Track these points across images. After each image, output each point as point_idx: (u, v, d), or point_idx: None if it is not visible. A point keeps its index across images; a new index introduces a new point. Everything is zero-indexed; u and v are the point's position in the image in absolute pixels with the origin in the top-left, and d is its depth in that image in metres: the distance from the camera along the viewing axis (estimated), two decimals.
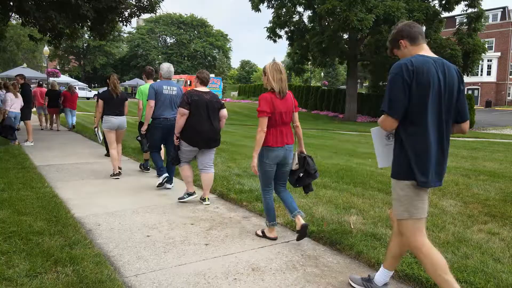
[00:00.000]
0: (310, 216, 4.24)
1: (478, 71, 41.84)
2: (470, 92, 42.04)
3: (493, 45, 43.10)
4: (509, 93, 43.87)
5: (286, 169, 3.74)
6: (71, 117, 13.10)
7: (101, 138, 7.00)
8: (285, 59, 66.29)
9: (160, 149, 5.83)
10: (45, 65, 42.97)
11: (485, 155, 9.68)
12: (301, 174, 3.73)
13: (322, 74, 62.22)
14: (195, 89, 4.72)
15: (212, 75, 46.86)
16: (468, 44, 21.24)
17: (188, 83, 38.78)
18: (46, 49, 28.49)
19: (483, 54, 22.24)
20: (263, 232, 3.84)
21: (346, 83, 25.82)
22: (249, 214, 4.55)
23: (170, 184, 5.66)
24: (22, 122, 9.93)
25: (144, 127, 5.60)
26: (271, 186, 3.74)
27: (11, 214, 4.02)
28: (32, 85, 18.73)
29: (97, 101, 6.40)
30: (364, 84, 48.33)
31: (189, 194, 4.94)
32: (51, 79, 28.07)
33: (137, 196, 5.20)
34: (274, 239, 3.75)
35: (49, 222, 3.84)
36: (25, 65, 35.41)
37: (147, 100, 5.53)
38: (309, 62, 27.42)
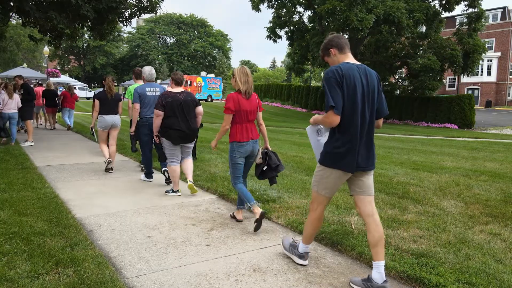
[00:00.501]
0: None
1: (478, 71, 41.89)
2: (470, 92, 42.08)
3: (493, 45, 43.11)
4: (509, 93, 43.88)
5: (251, 161, 4.24)
6: (69, 117, 13.32)
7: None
8: (285, 59, 66.27)
9: (152, 148, 6.13)
10: (45, 65, 42.97)
11: (486, 156, 9.67)
12: (265, 168, 4.12)
13: (322, 74, 62.26)
14: (170, 90, 5.08)
15: (212, 75, 46.92)
16: (468, 44, 21.23)
17: (188, 83, 38.81)
18: (46, 49, 28.48)
19: (483, 54, 22.24)
20: (232, 214, 4.40)
21: None
22: (250, 214, 4.54)
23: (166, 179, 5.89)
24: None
25: (132, 129, 6.09)
26: (241, 176, 4.21)
27: (12, 214, 4.02)
28: (31, 85, 18.80)
29: (94, 101, 6.71)
30: None
31: (174, 191, 5.34)
32: (51, 79, 28.05)
33: (138, 197, 5.20)
34: (240, 221, 4.26)
35: (50, 223, 3.83)
36: (25, 65, 35.39)
37: (132, 103, 5.96)
38: (309, 62, 27.40)
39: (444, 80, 32.44)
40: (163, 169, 5.85)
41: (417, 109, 23.34)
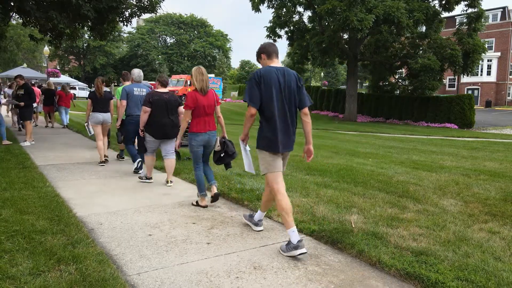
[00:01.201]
0: (311, 215, 4.25)
1: (478, 71, 41.91)
2: (470, 92, 42.09)
3: (493, 45, 43.13)
4: (509, 93, 43.90)
5: (209, 150, 4.83)
6: (65, 115, 13.84)
7: (91, 132, 7.63)
8: (285, 59, 66.26)
9: (134, 141, 6.79)
10: (45, 65, 42.98)
11: (485, 155, 9.69)
12: (222, 155, 4.64)
13: (322, 74, 62.24)
14: (156, 90, 5.68)
15: (212, 75, 46.84)
16: (468, 44, 21.25)
17: (188, 83, 38.79)
18: (46, 49, 28.49)
19: (483, 54, 22.25)
20: (196, 202, 4.78)
21: (346, 83, 25.84)
22: (250, 213, 4.55)
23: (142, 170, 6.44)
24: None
25: (118, 123, 6.67)
26: (200, 163, 4.79)
27: (13, 213, 4.04)
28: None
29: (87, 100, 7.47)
30: (364, 84, 48.32)
31: (147, 178, 5.95)
32: (51, 79, 28.04)
33: (139, 196, 5.21)
34: (205, 206, 4.72)
35: (51, 221, 3.85)
36: (25, 65, 35.40)
37: (120, 100, 6.53)
38: (309, 62, 27.41)
39: (444, 80, 32.49)
40: (138, 160, 6.49)
41: (417, 109, 23.36)
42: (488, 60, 42.65)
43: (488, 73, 43.64)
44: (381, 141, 12.75)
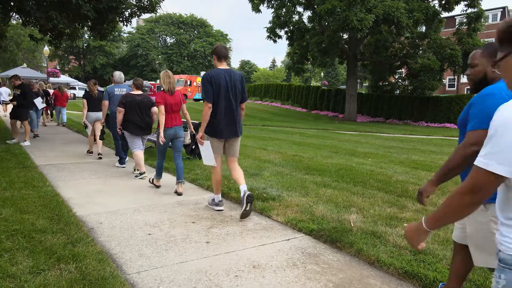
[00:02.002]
0: (310, 215, 4.27)
1: None
2: (469, 92, 42.04)
3: None
4: None
5: (178, 143, 5.46)
6: (62, 114, 14.31)
7: (88, 127, 8.27)
8: (285, 59, 66.25)
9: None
10: (45, 65, 42.97)
11: None
12: (194, 146, 5.54)
13: (322, 74, 62.25)
14: (130, 92, 6.33)
15: None
16: (468, 44, 21.24)
17: (188, 83, 38.81)
18: (46, 49, 28.49)
19: None
20: (152, 180, 5.62)
21: (346, 83, 25.83)
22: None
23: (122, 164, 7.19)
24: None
25: (102, 120, 7.46)
26: (164, 155, 5.52)
27: (13, 212, 4.05)
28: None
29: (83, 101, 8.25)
30: (364, 84, 48.37)
31: (141, 173, 6.28)
32: (51, 79, 28.08)
33: (138, 195, 5.23)
34: (158, 186, 5.54)
35: (51, 221, 3.87)
36: (25, 65, 35.41)
37: (103, 100, 7.22)
38: (309, 62, 27.40)
39: (444, 80, 32.49)
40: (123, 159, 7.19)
41: (417, 109, 23.37)
42: None
43: None
44: (381, 141, 12.76)
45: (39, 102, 10.74)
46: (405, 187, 5.71)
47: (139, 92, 6.28)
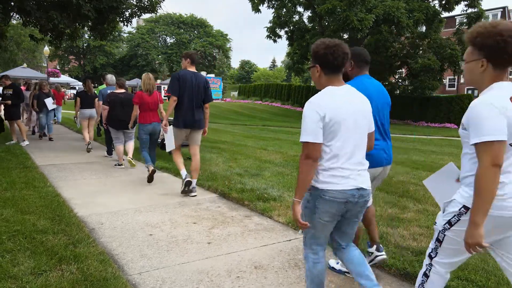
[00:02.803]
0: None
1: None
2: (470, 92, 42.05)
3: None
4: None
5: (155, 137, 6.35)
6: (57, 113, 14.39)
7: (79, 125, 9.12)
8: (285, 59, 66.22)
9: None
10: (45, 65, 42.94)
11: None
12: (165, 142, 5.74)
13: None
14: (113, 91, 7.04)
15: (212, 75, 46.84)
16: None
17: None
18: (46, 49, 28.48)
19: None
20: (147, 167, 6.00)
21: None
22: (251, 213, 4.57)
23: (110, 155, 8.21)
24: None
25: (97, 119, 8.61)
26: (146, 147, 6.16)
27: (14, 213, 4.05)
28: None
29: (75, 99, 9.02)
30: None
31: (119, 164, 7.15)
32: (51, 79, 28.06)
33: (139, 196, 5.22)
34: (153, 171, 5.88)
35: (52, 221, 3.86)
36: (25, 65, 35.34)
37: (97, 100, 8.16)
38: (309, 62, 27.39)
39: (444, 80, 32.49)
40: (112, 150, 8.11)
41: (417, 109, 23.38)
42: None
43: None
44: None
45: (50, 103, 10.38)
46: (406, 188, 5.71)
47: (122, 90, 7.08)
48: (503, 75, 1.80)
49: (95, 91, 8.90)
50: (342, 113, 2.10)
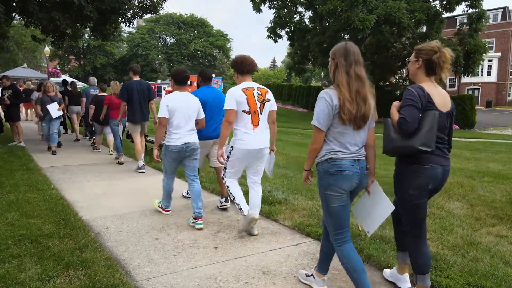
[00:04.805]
0: (318, 219, 4.24)
1: (478, 71, 41.84)
2: (470, 92, 42.04)
3: (494, 45, 43.08)
4: (509, 93, 43.88)
5: (121, 129, 8.08)
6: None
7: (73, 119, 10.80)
8: (285, 59, 66.15)
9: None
10: (45, 65, 42.87)
11: (488, 156, 9.69)
12: (129, 133, 7.37)
13: (322, 74, 62.19)
14: (98, 94, 8.90)
15: (212, 75, 46.79)
16: (469, 45, 21.23)
17: (189, 83, 38.74)
18: (47, 49, 28.44)
19: (483, 54, 22.23)
20: (116, 158, 7.92)
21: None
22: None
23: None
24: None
25: (81, 114, 10.44)
26: (117, 136, 7.77)
27: (19, 216, 4.03)
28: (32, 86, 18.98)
29: (63, 97, 9.74)
30: None
31: (96, 149, 9.18)
32: (51, 79, 27.94)
33: (144, 198, 5.19)
34: (121, 163, 7.58)
35: (57, 225, 3.84)
36: (25, 65, 35.29)
37: (81, 97, 10.23)
38: (310, 62, 27.36)
39: (444, 81, 32.40)
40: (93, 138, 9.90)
41: None
42: (488, 60, 42.60)
43: (489, 73, 43.61)
44: (381, 142, 12.72)
45: (54, 109, 8.38)
46: None
47: (104, 93, 8.72)
48: None
49: (79, 90, 11.11)
50: (180, 106, 4.07)
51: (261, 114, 3.73)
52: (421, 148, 2.38)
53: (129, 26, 12.00)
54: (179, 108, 4.03)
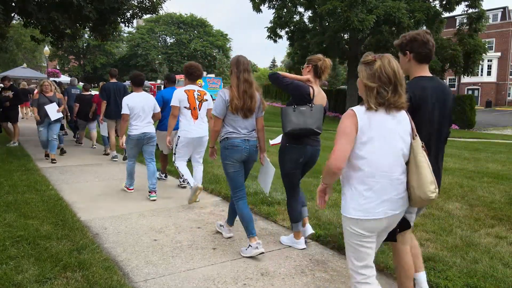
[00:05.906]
0: (317, 220, 4.23)
1: (478, 71, 41.79)
2: (470, 92, 42.03)
3: (493, 45, 43.08)
4: (509, 93, 43.87)
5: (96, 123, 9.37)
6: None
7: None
8: (285, 59, 66.10)
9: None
10: (45, 65, 42.85)
11: (488, 156, 9.67)
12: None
13: None
14: (82, 93, 9.55)
15: (212, 75, 46.68)
16: (469, 45, 21.23)
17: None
18: (47, 49, 28.42)
19: (483, 54, 22.23)
20: (104, 150, 8.80)
21: (346, 83, 25.82)
22: (255, 217, 4.52)
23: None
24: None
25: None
26: (83, 128, 9.71)
27: (17, 217, 4.02)
28: (32, 85, 18.97)
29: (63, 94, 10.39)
30: None
31: (79, 143, 10.15)
32: (51, 79, 27.90)
33: (142, 199, 5.19)
34: (107, 154, 8.45)
35: (55, 226, 3.83)
36: (25, 65, 35.27)
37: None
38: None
39: (444, 81, 32.42)
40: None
41: None
42: (488, 60, 42.60)
43: (489, 73, 43.61)
44: None
45: (52, 110, 7.43)
46: None
47: (88, 93, 9.47)
48: None
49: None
50: (137, 104, 5.14)
51: (199, 110, 4.84)
52: (317, 130, 3.29)
53: (128, 26, 12.00)
54: (137, 106, 5.10)
